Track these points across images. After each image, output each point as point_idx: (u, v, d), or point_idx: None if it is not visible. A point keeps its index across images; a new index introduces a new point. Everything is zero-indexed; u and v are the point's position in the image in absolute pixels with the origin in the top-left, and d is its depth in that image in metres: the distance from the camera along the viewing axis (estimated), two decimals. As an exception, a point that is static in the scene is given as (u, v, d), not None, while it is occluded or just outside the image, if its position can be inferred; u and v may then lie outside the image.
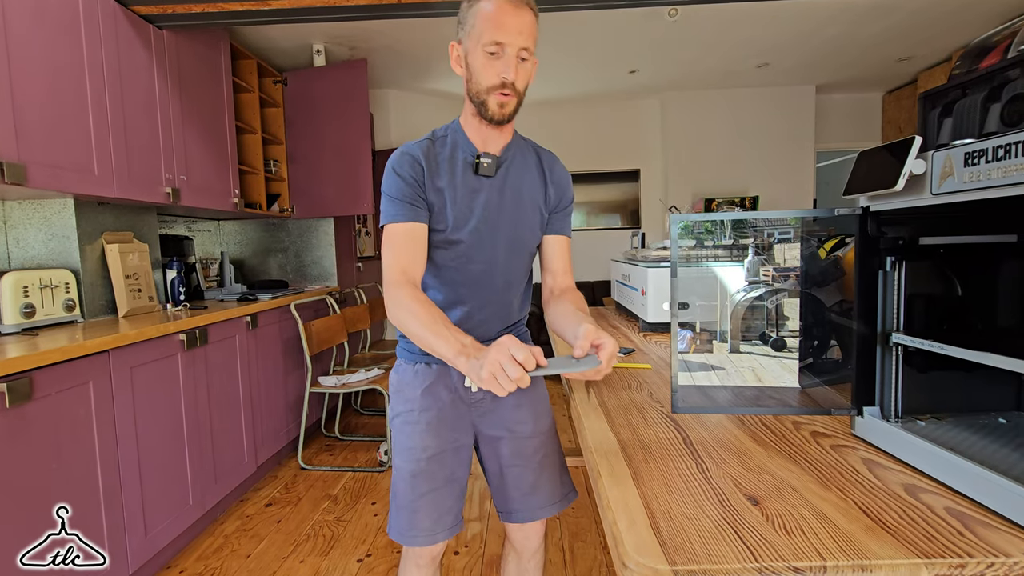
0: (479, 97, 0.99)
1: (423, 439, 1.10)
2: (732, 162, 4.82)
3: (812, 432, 0.93)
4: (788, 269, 1.39)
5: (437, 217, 1.04)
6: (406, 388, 1.13)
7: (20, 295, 1.70)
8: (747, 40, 3.67)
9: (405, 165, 1.01)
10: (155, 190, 2.20)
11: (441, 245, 1.06)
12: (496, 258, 1.09)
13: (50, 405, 1.40)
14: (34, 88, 1.66)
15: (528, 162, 1.14)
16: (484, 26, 0.93)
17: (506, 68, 0.94)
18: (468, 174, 1.05)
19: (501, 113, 0.99)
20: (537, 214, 1.13)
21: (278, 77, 3.33)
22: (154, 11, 2.10)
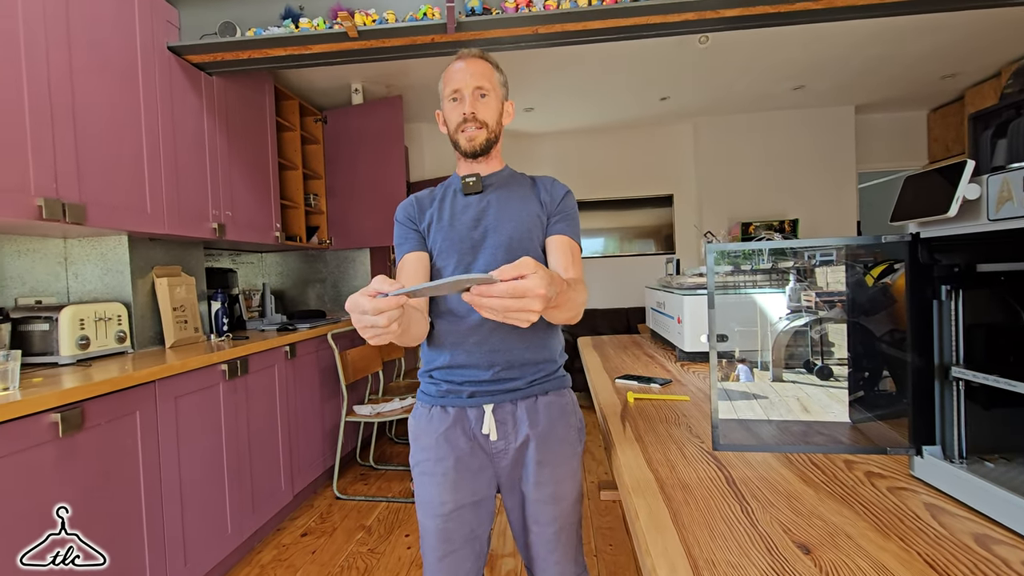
0: (453, 138, 1.13)
1: (440, 492, 1.06)
2: (768, 186, 4.73)
3: (867, 472, 0.88)
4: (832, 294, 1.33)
5: (433, 239, 1.11)
6: (422, 435, 1.10)
7: (77, 328, 1.79)
8: (781, 63, 3.63)
9: (400, 211, 1.16)
10: (202, 226, 2.30)
11: (442, 264, 1.10)
12: (496, 261, 1.08)
13: (100, 435, 1.45)
14: (95, 134, 1.78)
15: (520, 182, 1.19)
16: (446, 84, 1.12)
17: (464, 106, 1.10)
18: (458, 198, 1.14)
19: (471, 145, 1.11)
20: (533, 216, 1.13)
21: (318, 116, 3.48)
22: (205, 59, 2.23)
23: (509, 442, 1.09)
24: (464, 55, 1.13)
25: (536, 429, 1.09)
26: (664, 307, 2.28)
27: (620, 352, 2.13)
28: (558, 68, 3.53)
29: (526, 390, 1.10)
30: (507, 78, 1.20)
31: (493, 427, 1.08)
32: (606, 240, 5.20)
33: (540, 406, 1.11)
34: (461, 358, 1.08)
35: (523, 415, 1.09)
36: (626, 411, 1.26)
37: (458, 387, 1.09)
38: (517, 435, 1.09)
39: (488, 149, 1.13)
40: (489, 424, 1.08)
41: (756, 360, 1.45)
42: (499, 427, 1.09)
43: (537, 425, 1.09)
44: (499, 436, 1.09)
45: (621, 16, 2.03)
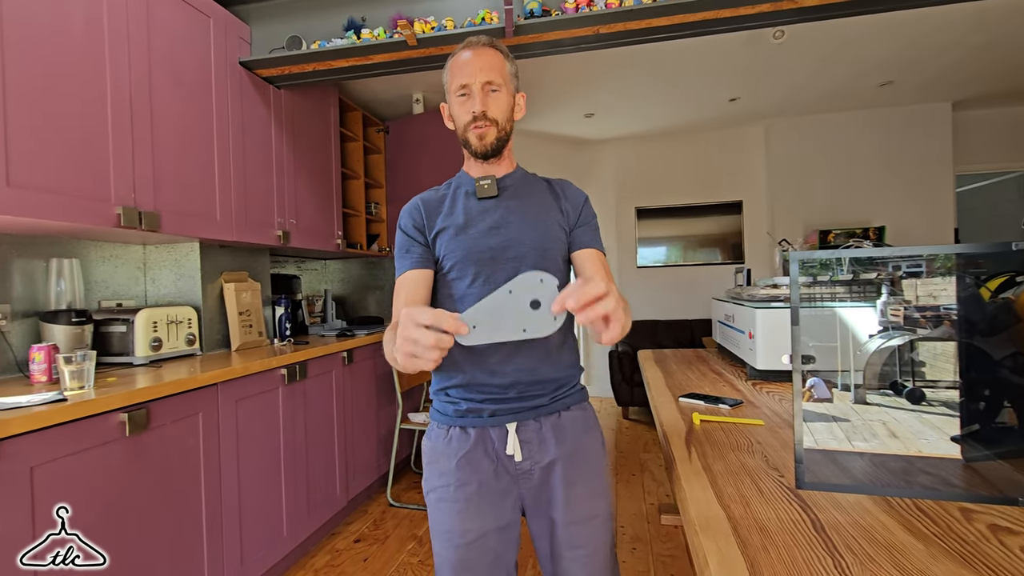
0: (462, 137, 1.05)
1: (462, 521, 0.98)
2: (850, 190, 4.38)
3: (991, 526, 0.73)
4: (927, 308, 1.16)
5: (444, 250, 1.02)
6: (440, 459, 1.02)
7: (150, 330, 1.87)
8: (866, 58, 3.35)
9: (405, 216, 1.07)
10: (268, 233, 2.38)
11: (455, 275, 1.02)
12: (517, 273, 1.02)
13: (164, 435, 1.50)
14: (170, 145, 1.87)
15: (536, 185, 1.12)
16: (452, 77, 1.03)
17: (473, 103, 1.01)
18: (472, 202, 1.06)
19: (482, 145, 1.03)
20: (554, 224, 1.06)
21: (381, 126, 3.55)
22: (273, 73, 2.31)
23: (535, 462, 1.01)
24: (472, 44, 1.04)
25: (564, 447, 1.02)
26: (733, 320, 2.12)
27: (684, 368, 2.00)
28: (619, 70, 3.43)
29: (549, 406, 1.03)
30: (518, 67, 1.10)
31: (518, 447, 1.01)
32: (669, 249, 4.99)
33: (565, 422, 1.04)
34: (482, 377, 1.01)
35: (548, 433, 1.02)
36: (691, 434, 1.15)
37: (478, 405, 1.01)
38: (544, 454, 1.02)
39: (500, 149, 1.05)
40: (513, 444, 1.00)
41: (836, 380, 1.30)
42: (524, 447, 1.01)
43: (564, 443, 1.02)
44: (524, 456, 1.01)
45: (688, 11, 1.92)
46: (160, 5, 1.85)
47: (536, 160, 4.77)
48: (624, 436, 3.89)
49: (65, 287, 1.77)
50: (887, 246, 3.93)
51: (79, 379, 1.39)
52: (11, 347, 1.66)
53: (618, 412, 4.53)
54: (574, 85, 3.64)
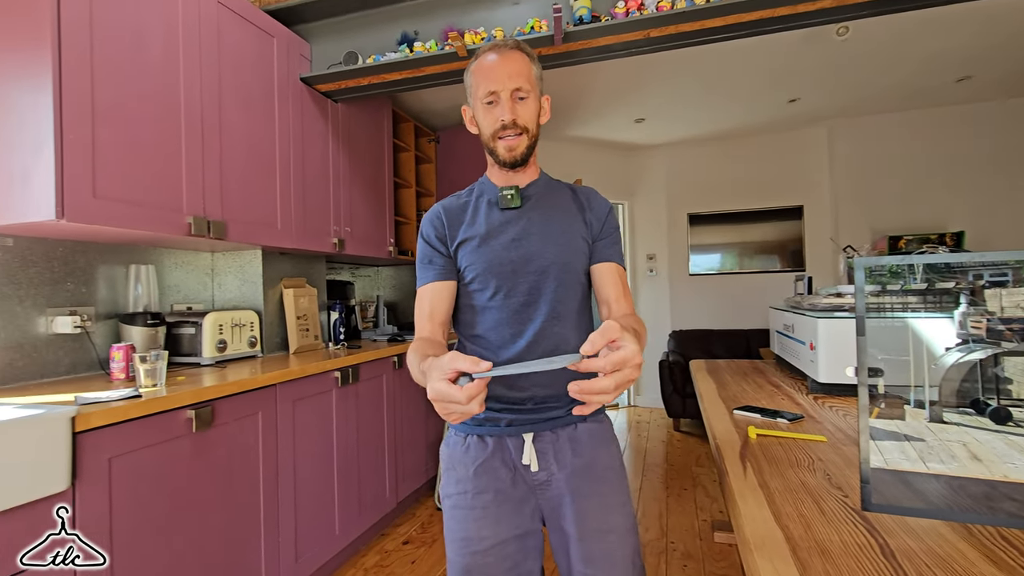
0: (489, 145, 1.03)
1: (479, 528, 0.97)
2: (922, 193, 4.10)
3: (1092, 561, 0.66)
4: (1013, 320, 1.07)
5: (466, 261, 1.02)
6: (457, 465, 1.02)
7: (216, 332, 1.98)
8: (940, 53, 3.14)
9: (427, 225, 1.07)
10: (324, 241, 2.47)
11: (477, 287, 1.02)
12: (539, 288, 1.01)
13: (227, 432, 1.58)
14: (236, 157, 1.98)
15: (560, 194, 1.09)
16: (478, 82, 1.00)
17: (502, 111, 0.98)
18: (494, 212, 1.05)
19: (510, 156, 1.01)
20: (577, 236, 1.04)
21: (432, 136, 3.64)
22: (331, 87, 2.42)
23: (551, 473, 1.00)
24: (498, 47, 1.00)
25: (579, 459, 1.01)
26: (793, 331, 2.02)
27: (739, 379, 1.92)
28: (671, 73, 3.37)
29: (566, 418, 1.03)
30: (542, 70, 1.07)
31: (534, 457, 1.00)
32: (723, 256, 4.83)
33: (581, 434, 1.03)
34: (499, 390, 1.00)
35: (564, 444, 1.02)
36: (747, 449, 1.10)
37: (496, 415, 1.01)
38: (559, 466, 1.01)
39: (528, 157, 1.03)
40: (529, 454, 1.00)
41: (908, 396, 1.21)
42: (540, 457, 1.01)
43: (580, 455, 1.02)
44: (540, 467, 1.00)
45: (744, 10, 1.86)
46: (229, 27, 1.97)
47: (585, 167, 4.74)
48: (675, 449, 3.77)
49: (142, 291, 1.91)
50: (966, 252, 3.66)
51: (152, 377, 1.48)
52: (95, 346, 1.80)
53: (669, 424, 4.40)
54: (624, 90, 3.60)
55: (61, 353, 1.72)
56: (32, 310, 1.65)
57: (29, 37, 1.40)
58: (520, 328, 1.00)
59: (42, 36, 1.39)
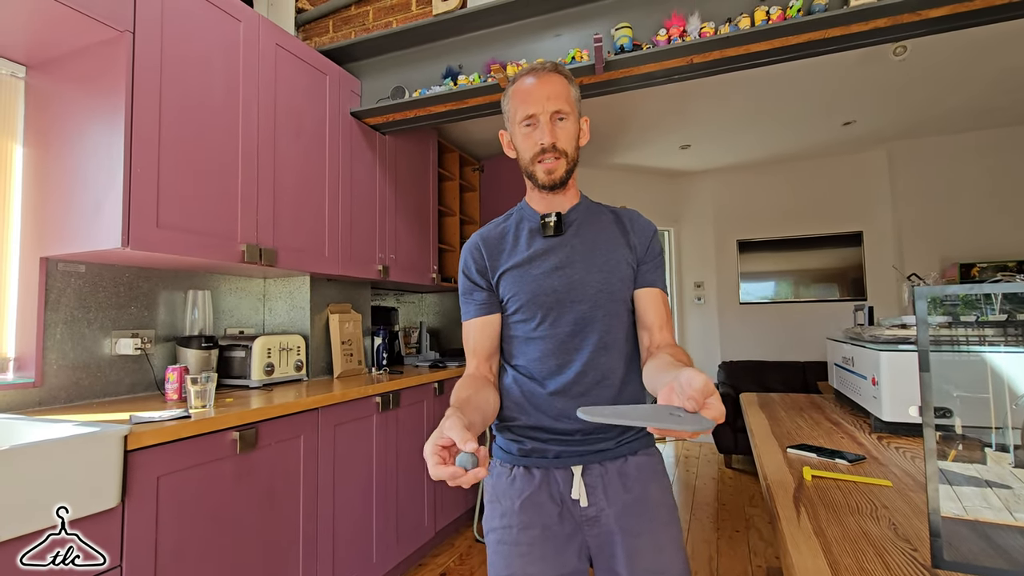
0: (528, 170, 1.01)
1: (524, 565, 0.92)
2: (995, 218, 3.83)
3: None
4: None
5: (509, 292, 1.00)
6: (502, 498, 0.98)
7: (264, 356, 2.05)
8: (1007, 70, 2.96)
9: (467, 258, 1.06)
10: (369, 268, 2.54)
11: (521, 318, 1.00)
12: (586, 317, 0.98)
13: (269, 454, 1.61)
14: (288, 188, 2.08)
15: (602, 218, 1.06)
16: (516, 106, 0.99)
17: (542, 135, 0.96)
18: (535, 240, 1.02)
19: (550, 179, 0.99)
20: (622, 262, 1.01)
21: (476, 165, 3.71)
22: (379, 121, 2.51)
23: (600, 508, 0.95)
24: (536, 70, 0.99)
25: (630, 495, 0.96)
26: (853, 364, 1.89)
27: (794, 415, 1.81)
28: (717, 99, 3.32)
29: (615, 450, 0.98)
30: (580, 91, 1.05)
31: (583, 491, 0.95)
32: (777, 284, 4.64)
33: (631, 468, 0.98)
34: (545, 421, 0.97)
35: (614, 478, 0.97)
36: (801, 491, 1.02)
37: (543, 446, 0.98)
38: (609, 501, 0.95)
39: (567, 180, 1.01)
40: (579, 488, 0.95)
41: (989, 438, 1.10)
42: (589, 492, 0.96)
43: (631, 490, 0.97)
44: (590, 502, 0.95)
45: (791, 34, 1.82)
46: (286, 66, 2.10)
47: (629, 194, 4.71)
48: (727, 487, 3.58)
49: (198, 315, 2.00)
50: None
51: (202, 399, 1.54)
52: (153, 368, 1.89)
53: (720, 460, 4.19)
54: (668, 116, 3.57)
55: (123, 373, 1.81)
56: (99, 332, 1.75)
57: (107, 78, 1.53)
58: (567, 358, 0.98)
59: (117, 76, 1.51)
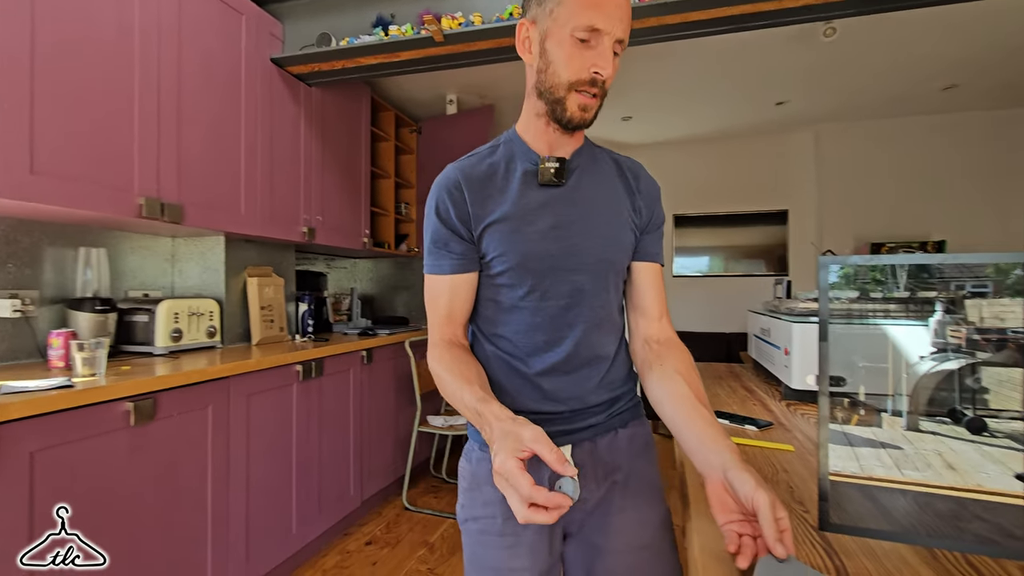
0: (555, 94, 0.79)
1: (511, 558, 0.84)
2: (906, 202, 4.09)
3: (1063, 592, 0.60)
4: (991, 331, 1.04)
5: (495, 250, 0.82)
6: (485, 485, 0.86)
7: (171, 321, 1.89)
8: (927, 58, 3.12)
9: (443, 197, 0.83)
10: (293, 229, 2.39)
11: (505, 282, 0.83)
12: (582, 289, 0.84)
13: (171, 426, 1.50)
14: (197, 139, 1.89)
15: (604, 167, 0.90)
16: (576, 5, 0.75)
17: (601, 61, 0.75)
18: (530, 187, 0.83)
19: (582, 117, 0.80)
20: (625, 227, 0.88)
21: (413, 126, 3.55)
22: (304, 70, 2.33)
23: (591, 489, 0.88)
24: None
25: (620, 471, 0.89)
26: (769, 335, 1.97)
27: (713, 383, 1.87)
28: (658, 72, 3.31)
29: (607, 423, 0.90)
30: None
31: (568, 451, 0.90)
32: (711, 259, 4.80)
33: (621, 442, 0.91)
34: (530, 403, 0.86)
35: (603, 455, 0.89)
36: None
37: None
38: (597, 483, 0.88)
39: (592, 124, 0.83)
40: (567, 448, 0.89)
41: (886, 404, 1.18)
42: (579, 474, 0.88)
43: (620, 468, 0.89)
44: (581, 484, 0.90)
45: (727, 5, 1.81)
46: (192, 1, 1.88)
47: (571, 164, 4.68)
48: (652, 451, 3.73)
49: (92, 276, 1.81)
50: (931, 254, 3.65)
51: (91, 366, 1.39)
52: (35, 332, 1.70)
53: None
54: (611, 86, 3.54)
55: (-1, 338, 1.62)
56: (-33, 292, 1.55)
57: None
58: (558, 336, 0.85)
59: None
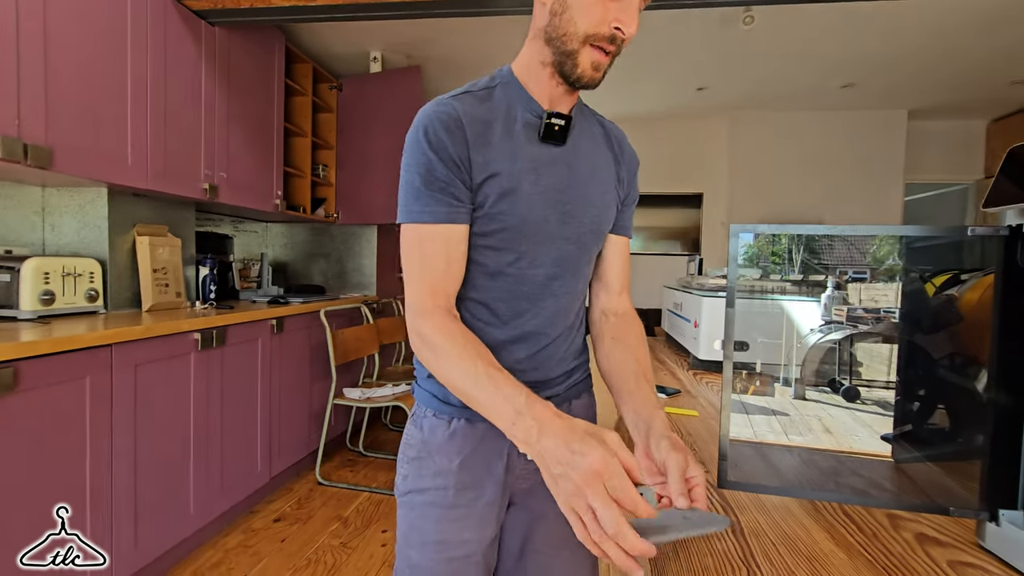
0: (567, 45, 0.71)
1: (459, 530, 0.79)
2: (806, 189, 4.44)
3: (918, 535, 0.67)
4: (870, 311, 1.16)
5: (491, 207, 0.73)
6: (436, 455, 0.80)
7: (40, 282, 1.66)
8: (830, 57, 3.34)
9: (439, 129, 0.71)
10: (192, 186, 2.17)
11: (495, 245, 0.75)
12: (566, 257, 0.79)
13: (37, 399, 1.32)
14: (70, 73, 1.64)
15: (594, 131, 0.85)
16: None
17: (625, 16, 0.68)
18: (531, 142, 0.75)
19: (592, 76, 0.73)
20: (613, 199, 0.84)
21: (334, 83, 3.33)
22: (205, 6, 2.09)
23: None
24: None
25: None
26: (681, 309, 2.07)
27: (627, 354, 1.93)
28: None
29: (564, 394, 0.87)
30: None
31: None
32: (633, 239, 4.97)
33: (576, 411, 0.89)
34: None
35: None
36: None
37: None
38: None
39: None
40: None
41: (779, 374, 1.28)
42: None
43: None
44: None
45: (656, -21, 1.81)
46: (64, -91, 1.61)
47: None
48: (569, 421, 3.85)
49: (-65, 226, 1.54)
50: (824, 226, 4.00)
51: (-69, 330, 1.19)
52: None
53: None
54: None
55: None
56: None
57: None
58: (538, 305, 0.79)
59: None
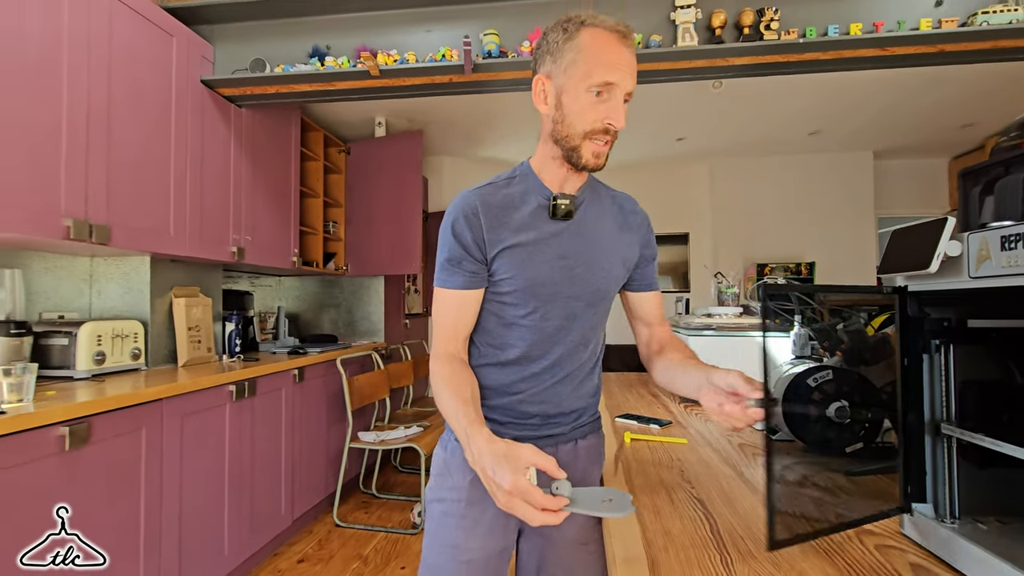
0: (571, 142, 0.87)
1: (467, 537, 0.94)
2: (785, 227, 4.72)
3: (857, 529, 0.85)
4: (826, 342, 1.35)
5: (506, 272, 0.90)
6: (455, 473, 0.96)
7: (94, 343, 1.85)
8: (796, 109, 3.67)
9: (461, 221, 0.90)
10: (222, 249, 2.38)
11: (510, 301, 0.92)
12: (575, 312, 0.95)
13: (105, 450, 1.49)
14: (126, 160, 1.88)
15: (604, 204, 1.01)
16: (591, 63, 0.82)
17: (614, 114, 0.83)
18: (542, 220, 0.92)
19: (596, 163, 0.89)
20: (619, 265, 0.99)
21: (342, 147, 3.61)
22: (236, 92, 2.35)
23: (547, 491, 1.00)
24: (621, 31, 0.83)
25: (575, 477, 1.00)
26: (670, 346, 2.26)
27: (624, 390, 2.12)
28: (575, 107, 3.61)
29: (569, 434, 1.01)
30: None
31: (534, 473, 0.99)
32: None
33: (580, 451, 1.02)
34: (505, 400, 0.97)
35: (563, 460, 0.99)
36: (621, 451, 1.25)
37: (500, 428, 0.97)
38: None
39: None
40: (532, 472, 0.99)
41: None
42: (539, 474, 0.99)
43: (576, 472, 1.01)
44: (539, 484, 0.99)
45: (633, 61, 2.09)
46: (123, 22, 1.87)
47: (495, 186, 4.90)
48: (572, 457, 3.97)
49: (6, 297, 1.74)
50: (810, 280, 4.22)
51: (18, 392, 1.37)
52: (-57, 358, 1.61)
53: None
54: (532, 118, 3.80)
55: (-102, 366, 1.52)
56: None
57: None
58: (547, 349, 0.95)
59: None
